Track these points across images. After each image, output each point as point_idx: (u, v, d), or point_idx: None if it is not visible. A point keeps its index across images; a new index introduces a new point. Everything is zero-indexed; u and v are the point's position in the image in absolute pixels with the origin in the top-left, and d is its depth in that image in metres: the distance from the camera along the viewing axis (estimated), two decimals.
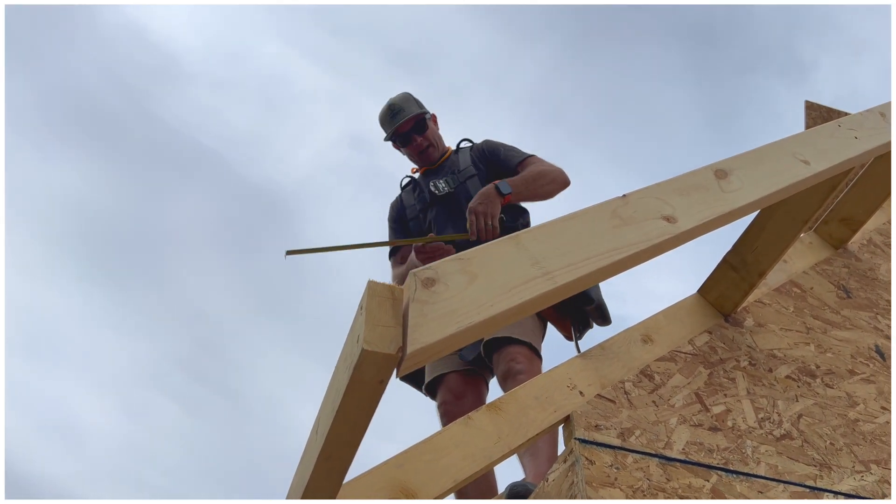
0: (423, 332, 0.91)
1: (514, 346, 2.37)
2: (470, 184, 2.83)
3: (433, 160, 3.02)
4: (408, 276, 0.98)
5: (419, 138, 3.00)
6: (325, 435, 0.97)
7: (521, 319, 2.43)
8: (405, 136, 3.00)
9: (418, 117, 3.01)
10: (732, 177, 1.48)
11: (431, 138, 3.03)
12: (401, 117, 2.99)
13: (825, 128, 1.82)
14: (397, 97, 3.06)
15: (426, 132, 3.01)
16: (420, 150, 3.00)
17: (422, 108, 3.05)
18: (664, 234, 1.25)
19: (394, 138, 3.04)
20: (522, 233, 1.13)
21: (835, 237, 2.51)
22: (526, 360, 2.32)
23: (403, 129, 3.00)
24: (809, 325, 2.18)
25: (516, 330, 2.40)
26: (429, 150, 3.01)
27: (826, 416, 1.94)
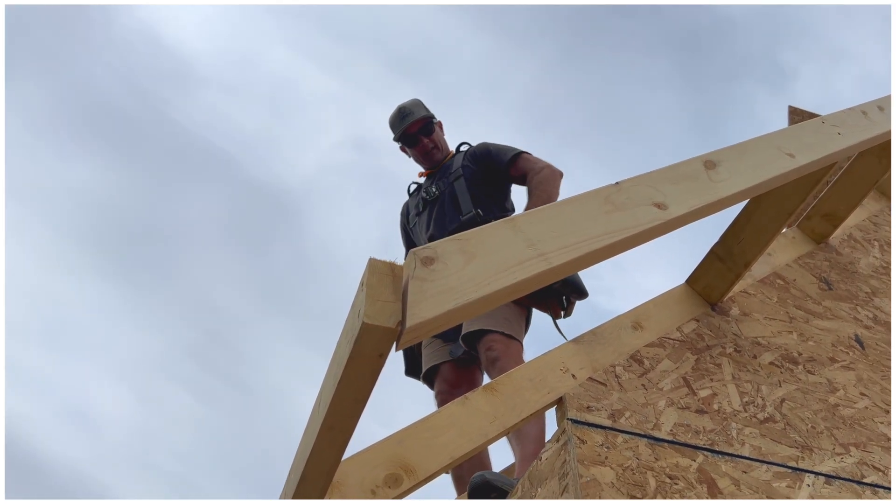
0: (423, 308, 0.96)
1: (489, 335, 2.45)
2: (456, 185, 2.93)
3: (436, 162, 3.17)
4: (408, 255, 1.04)
5: (425, 140, 3.15)
6: (327, 405, 1.02)
7: (495, 310, 2.51)
8: (412, 136, 3.15)
9: (426, 120, 3.17)
10: (721, 168, 1.54)
11: (437, 141, 3.18)
12: (410, 119, 3.15)
13: (809, 124, 1.89)
14: (408, 101, 3.23)
15: (432, 135, 3.17)
16: (425, 151, 3.15)
17: (430, 113, 3.22)
18: (655, 220, 1.31)
19: (402, 139, 3.18)
20: (518, 216, 1.19)
21: (817, 232, 2.58)
22: (501, 345, 2.41)
23: (411, 129, 3.15)
24: (792, 315, 2.26)
25: (488, 321, 2.49)
26: (433, 152, 3.16)
27: (808, 400, 2.02)
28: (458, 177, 2.96)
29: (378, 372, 0.98)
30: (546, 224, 1.20)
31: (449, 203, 2.89)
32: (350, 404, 1.02)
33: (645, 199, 1.35)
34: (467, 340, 2.56)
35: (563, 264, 1.14)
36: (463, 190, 2.89)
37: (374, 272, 0.99)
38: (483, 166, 2.96)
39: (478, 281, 1.05)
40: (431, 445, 1.56)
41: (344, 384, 1.00)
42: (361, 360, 0.96)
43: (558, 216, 1.23)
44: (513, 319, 2.61)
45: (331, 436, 1.07)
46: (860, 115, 2.02)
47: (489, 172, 2.93)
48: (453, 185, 2.94)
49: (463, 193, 2.88)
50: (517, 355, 2.42)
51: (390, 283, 0.98)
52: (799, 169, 1.69)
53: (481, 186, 2.90)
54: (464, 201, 2.86)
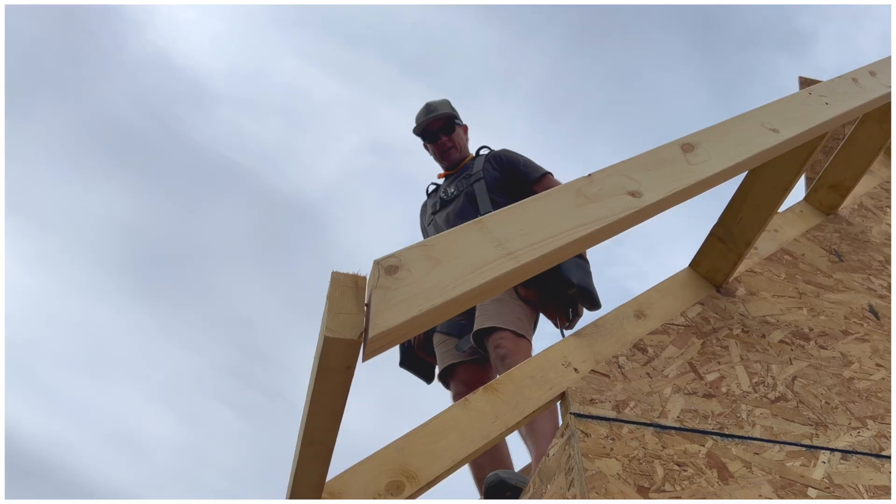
0: (386, 317, 0.97)
1: (498, 332, 2.45)
2: (476, 187, 2.94)
3: (453, 162, 3.19)
4: (372, 265, 1.05)
5: (444, 137, 3.18)
6: (305, 421, 1.03)
7: (506, 308, 2.52)
8: (433, 133, 3.19)
9: (448, 118, 3.20)
10: (699, 149, 1.53)
11: (456, 141, 3.21)
12: (433, 115, 3.19)
13: (796, 96, 1.86)
14: (437, 100, 3.28)
15: (452, 134, 3.20)
16: (443, 150, 3.18)
17: (455, 113, 3.25)
18: (629, 209, 1.30)
19: (422, 134, 3.21)
20: (486, 217, 1.19)
21: (825, 204, 2.54)
22: (511, 343, 2.41)
23: (433, 126, 3.19)
24: (802, 290, 2.22)
25: (499, 319, 2.49)
26: (451, 151, 3.19)
27: (821, 376, 1.98)
28: (479, 179, 2.97)
29: (348, 384, 0.99)
30: (515, 223, 1.20)
31: (467, 204, 2.90)
32: (326, 418, 1.03)
33: (618, 188, 1.34)
34: (477, 338, 2.57)
35: (531, 261, 1.14)
36: (483, 192, 2.90)
37: (337, 285, 1.00)
38: (508, 174, 2.97)
39: (444, 285, 1.06)
40: (432, 450, 1.57)
41: (316, 398, 1.01)
42: (329, 373, 0.98)
43: (527, 214, 1.23)
44: (523, 318, 2.62)
45: (312, 450, 1.09)
46: (850, 83, 1.98)
47: (513, 183, 2.95)
48: (473, 187, 2.95)
49: (482, 195, 2.89)
50: (526, 353, 2.42)
51: (353, 295, 0.99)
52: (784, 143, 1.67)
53: (502, 193, 2.91)
54: (483, 203, 2.86)
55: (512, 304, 2.62)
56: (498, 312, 2.56)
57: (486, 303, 2.63)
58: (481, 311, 2.60)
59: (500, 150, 3.11)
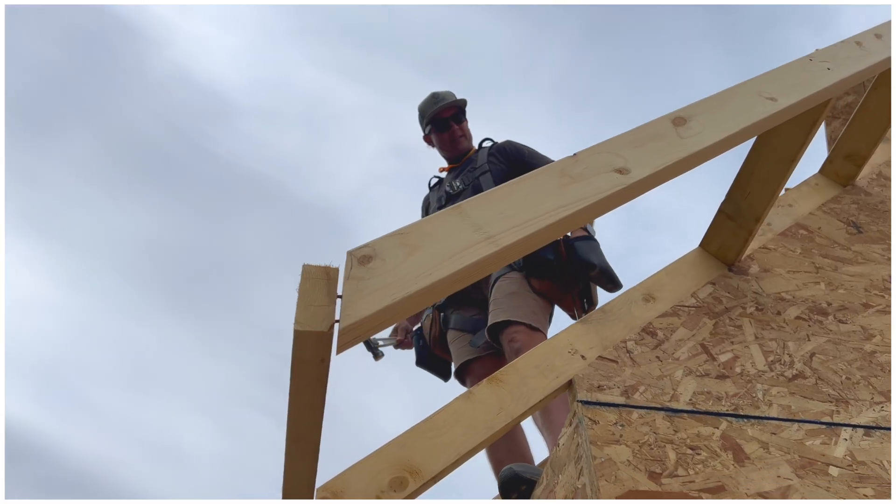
0: (358, 307, 0.95)
1: (512, 326, 2.42)
2: (482, 179, 2.91)
3: (461, 152, 3.14)
4: (346, 256, 1.03)
5: (456, 126, 3.13)
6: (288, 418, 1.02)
7: (521, 301, 2.48)
8: (444, 121, 3.13)
9: (458, 107, 3.15)
10: (692, 122, 1.48)
11: (465, 130, 3.17)
12: (443, 103, 3.13)
13: (796, 62, 1.81)
14: (442, 90, 3.22)
15: (462, 123, 3.15)
16: (454, 139, 3.13)
17: (463, 102, 3.19)
18: (615, 186, 1.27)
19: (432, 121, 3.15)
20: (465, 202, 1.17)
21: (841, 175, 2.47)
22: (525, 336, 2.37)
23: (444, 114, 3.14)
24: (819, 265, 2.16)
25: (514, 312, 2.45)
26: (461, 140, 3.14)
27: (840, 351, 1.92)
28: (485, 172, 2.93)
29: (324, 378, 0.97)
30: (496, 206, 1.17)
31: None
32: (306, 413, 1.02)
33: (604, 166, 1.30)
34: (492, 333, 2.54)
35: (511, 244, 1.11)
36: (489, 185, 2.87)
37: (308, 278, 0.98)
38: (514, 166, 2.94)
39: (419, 272, 1.03)
40: (436, 445, 1.54)
41: (294, 393, 0.99)
42: (304, 367, 0.96)
43: (509, 197, 1.20)
44: (538, 311, 2.58)
45: (298, 447, 1.07)
46: (854, 47, 1.91)
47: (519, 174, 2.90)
48: (479, 180, 2.92)
49: (489, 187, 2.86)
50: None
51: (324, 287, 0.98)
52: (783, 111, 1.61)
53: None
54: None
55: (527, 298, 2.58)
56: (512, 306, 2.53)
57: (500, 296, 2.59)
58: (496, 306, 2.57)
59: (503, 142, 3.07)
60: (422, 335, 2.95)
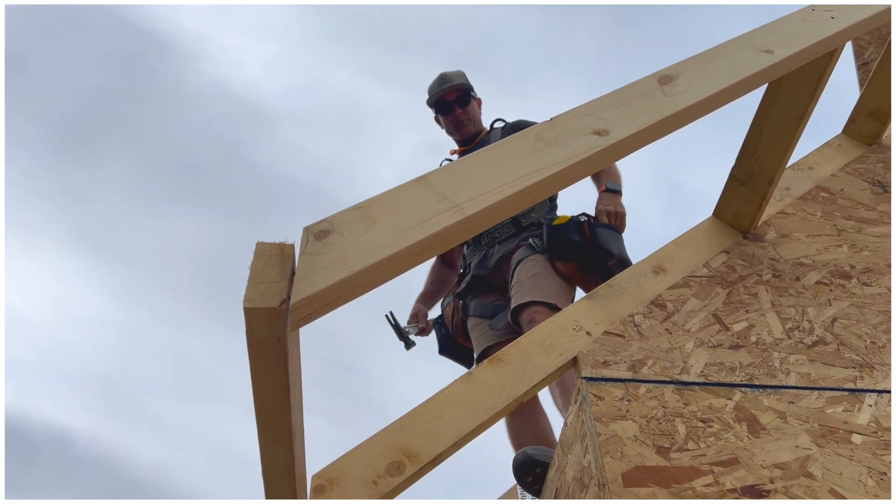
0: (311, 282, 0.93)
1: (533, 305, 2.36)
2: None
3: (468, 136, 3.11)
4: (302, 231, 1.00)
5: (459, 110, 3.09)
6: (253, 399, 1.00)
7: (543, 283, 2.43)
8: (447, 105, 3.10)
9: (463, 90, 3.11)
10: (679, 80, 1.42)
11: (470, 114, 3.12)
12: (447, 86, 3.10)
13: (797, 13, 1.72)
14: (452, 71, 3.19)
15: (466, 107, 3.11)
16: (457, 122, 3.10)
17: (469, 85, 3.16)
18: (593, 148, 1.21)
19: (436, 105, 3.13)
20: (431, 172, 1.13)
21: (865, 134, 2.35)
22: (544, 316, 2.31)
23: (447, 97, 3.10)
24: (841, 227, 2.06)
25: (535, 293, 2.40)
26: (465, 124, 3.10)
27: (864, 315, 1.82)
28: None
29: (284, 358, 0.95)
30: (463, 175, 1.14)
31: None
32: (270, 395, 1.00)
33: (582, 128, 1.25)
34: (514, 316, 2.49)
35: (478, 212, 1.07)
36: None
37: (261, 255, 0.96)
38: None
39: (378, 245, 1.00)
40: (435, 427, 1.51)
41: (255, 375, 0.97)
42: (260, 347, 0.94)
43: (478, 165, 1.16)
44: (561, 293, 2.53)
45: (269, 430, 1.05)
46: None
47: None
48: None
49: None
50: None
51: (277, 264, 0.95)
52: (781, 64, 1.53)
53: None
54: None
55: (549, 279, 2.54)
56: (534, 287, 2.49)
57: (523, 278, 2.55)
58: (519, 288, 2.53)
59: (515, 122, 3.02)
60: (443, 323, 2.92)
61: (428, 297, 3.18)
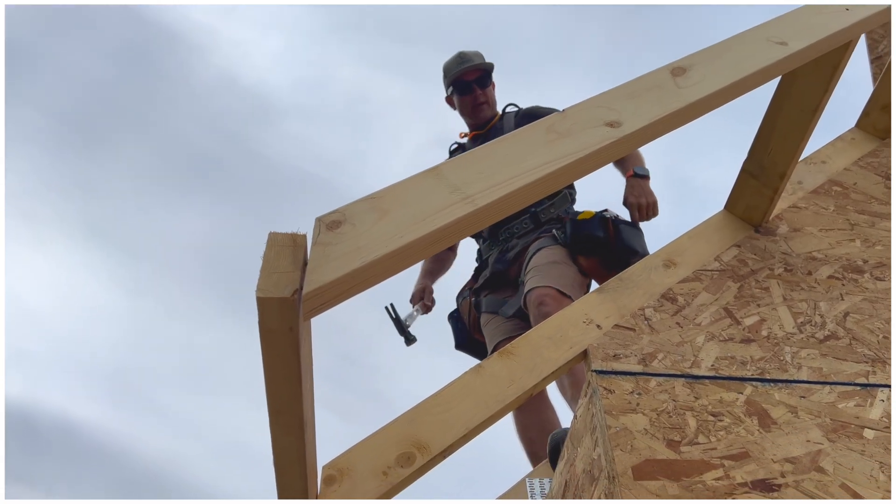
0: (323, 272, 0.93)
1: (540, 289, 2.35)
2: None
3: (483, 119, 3.00)
4: (314, 222, 1.00)
5: (479, 91, 2.98)
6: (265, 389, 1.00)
7: (558, 270, 2.42)
8: (466, 84, 2.98)
9: (484, 70, 2.99)
10: (692, 71, 1.41)
11: (489, 96, 3.01)
12: (468, 65, 2.98)
13: (810, 6, 1.71)
14: (470, 50, 3.07)
15: (486, 88, 2.99)
16: (475, 104, 2.98)
17: (490, 65, 3.03)
18: (605, 140, 1.21)
19: (455, 83, 3.00)
20: (443, 163, 1.13)
21: (879, 128, 2.34)
22: (554, 301, 2.30)
23: (467, 76, 2.99)
24: (854, 221, 2.05)
25: (553, 280, 2.39)
26: (482, 107, 2.99)
27: (877, 309, 1.81)
28: None
29: (296, 348, 0.95)
30: (475, 166, 1.13)
31: None
32: (283, 385, 1.00)
33: (595, 120, 1.25)
34: (526, 298, 2.48)
35: (490, 204, 1.07)
36: None
37: (273, 245, 0.96)
38: None
39: (390, 235, 1.00)
40: (444, 419, 1.51)
41: (267, 365, 0.97)
42: (272, 336, 0.94)
43: (490, 156, 1.15)
44: (575, 284, 2.52)
45: (281, 420, 1.05)
46: None
47: None
48: None
49: None
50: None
51: (290, 254, 0.95)
52: (795, 56, 1.52)
53: None
54: None
55: (567, 269, 2.52)
56: (550, 273, 2.47)
57: (541, 263, 2.53)
58: (534, 273, 2.51)
59: (529, 109, 2.95)
60: (460, 317, 2.91)
61: (430, 273, 3.15)
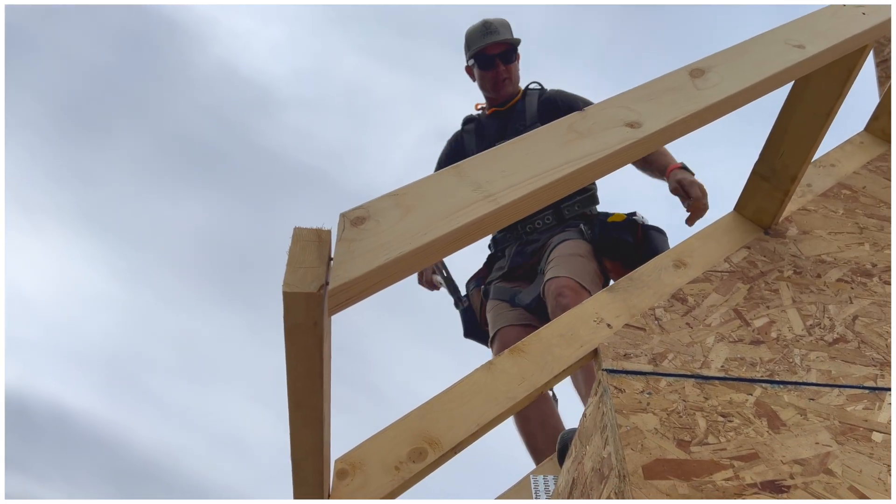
0: (349, 268, 0.93)
1: (560, 279, 2.34)
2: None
3: (505, 97, 2.87)
4: (338, 218, 1.01)
5: (502, 67, 2.84)
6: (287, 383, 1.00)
7: (583, 265, 2.42)
8: (489, 59, 2.83)
9: (511, 45, 2.84)
10: (710, 73, 1.41)
11: (513, 73, 2.87)
12: (494, 38, 2.82)
13: (827, 9, 1.71)
14: (496, 19, 2.89)
15: (510, 64, 2.85)
16: (497, 80, 2.84)
17: (517, 40, 2.88)
18: (626, 141, 1.21)
19: (477, 56, 2.84)
20: (465, 162, 1.13)
21: (888, 132, 2.34)
22: (573, 293, 2.29)
23: (491, 50, 2.83)
24: (863, 225, 2.05)
25: (574, 272, 2.39)
26: (504, 83, 2.86)
27: (886, 313, 1.82)
28: (535, 123, 2.74)
29: (319, 342, 0.95)
30: (497, 165, 1.14)
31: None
32: (305, 379, 1.00)
33: (615, 120, 1.25)
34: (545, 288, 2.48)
35: (512, 202, 1.07)
36: None
37: (298, 240, 0.97)
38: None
39: (414, 232, 1.01)
40: (456, 415, 1.52)
41: (290, 359, 0.98)
42: (297, 331, 0.94)
43: (511, 155, 1.16)
44: (595, 280, 2.52)
45: (301, 414, 1.06)
46: None
47: None
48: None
49: None
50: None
51: (315, 249, 0.96)
52: (812, 59, 1.53)
53: None
54: None
55: (588, 264, 2.50)
56: (572, 265, 2.46)
57: (565, 253, 2.52)
58: (556, 262, 2.50)
59: (554, 93, 2.84)
60: (470, 307, 2.89)
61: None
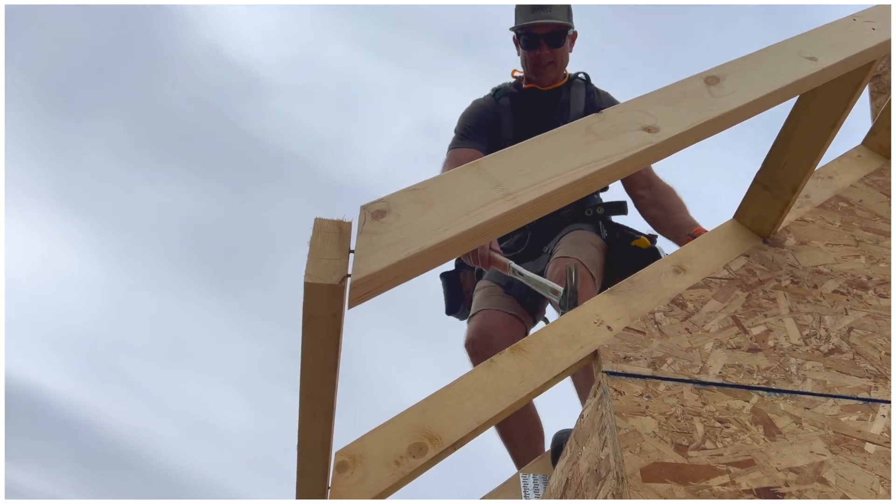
0: (370, 261, 0.93)
1: (571, 259, 2.35)
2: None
3: (546, 82, 2.68)
4: (359, 210, 1.00)
5: (547, 51, 2.63)
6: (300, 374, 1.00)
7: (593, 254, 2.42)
8: (533, 39, 2.60)
9: (560, 28, 2.60)
10: (725, 81, 1.42)
11: (559, 58, 2.65)
12: (542, 17, 2.58)
13: (838, 22, 1.73)
14: None
15: (557, 49, 2.62)
16: (539, 63, 2.64)
17: (569, 23, 2.65)
18: (643, 145, 1.22)
19: (521, 33, 2.63)
20: (484, 158, 1.13)
21: (885, 146, 2.37)
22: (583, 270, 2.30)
23: (539, 30, 2.59)
24: (859, 238, 2.08)
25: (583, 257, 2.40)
26: (548, 69, 2.65)
27: (880, 326, 1.84)
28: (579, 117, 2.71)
29: (337, 334, 0.95)
30: (516, 163, 1.13)
31: None
32: (319, 370, 1.00)
33: (632, 124, 1.25)
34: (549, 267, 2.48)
35: (531, 202, 1.07)
36: None
37: (320, 231, 0.96)
38: None
39: (434, 228, 1.00)
40: (456, 412, 1.52)
41: (306, 349, 0.97)
42: (316, 322, 0.94)
43: (530, 154, 1.16)
44: (599, 273, 2.52)
45: (311, 405, 1.05)
46: None
47: None
48: None
49: None
50: (590, 295, 2.18)
51: (336, 241, 0.95)
52: (823, 72, 1.54)
53: None
54: None
55: (598, 258, 2.49)
56: (580, 249, 2.45)
57: (577, 239, 2.50)
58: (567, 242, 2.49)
59: (603, 95, 2.74)
60: (460, 286, 2.84)
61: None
